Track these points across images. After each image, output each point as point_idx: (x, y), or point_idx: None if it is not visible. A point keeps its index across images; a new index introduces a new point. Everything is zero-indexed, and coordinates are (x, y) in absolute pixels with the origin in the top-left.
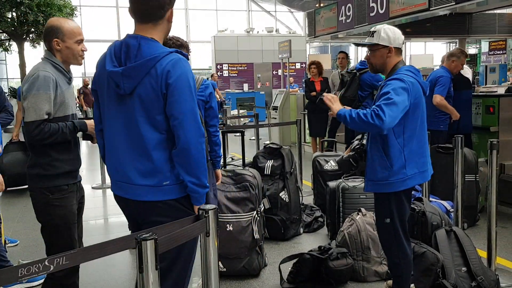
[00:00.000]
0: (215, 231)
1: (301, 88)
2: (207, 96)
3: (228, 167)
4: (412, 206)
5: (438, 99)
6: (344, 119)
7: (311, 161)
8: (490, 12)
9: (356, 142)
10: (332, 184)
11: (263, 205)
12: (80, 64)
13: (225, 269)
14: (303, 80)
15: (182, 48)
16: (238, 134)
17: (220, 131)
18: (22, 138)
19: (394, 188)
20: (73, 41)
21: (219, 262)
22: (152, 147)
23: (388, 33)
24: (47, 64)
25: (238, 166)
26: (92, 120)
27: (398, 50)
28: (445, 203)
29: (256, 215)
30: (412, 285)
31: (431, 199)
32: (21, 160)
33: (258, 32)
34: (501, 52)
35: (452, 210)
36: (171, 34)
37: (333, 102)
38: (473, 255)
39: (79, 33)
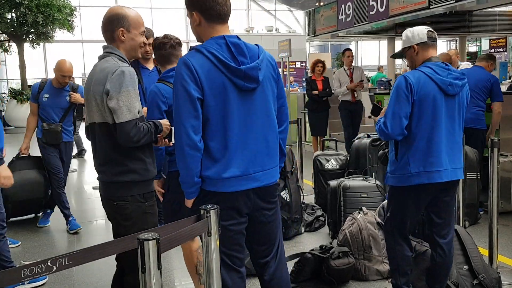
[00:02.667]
0: (217, 230)
1: (301, 87)
2: None
3: None
4: None
5: (500, 108)
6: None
7: (312, 160)
8: (490, 10)
9: None
10: (333, 183)
11: None
12: (140, 57)
13: None
14: (304, 79)
15: (180, 46)
16: None
17: None
18: (31, 152)
19: (398, 182)
20: (138, 32)
21: None
22: (277, 129)
23: (407, 33)
24: (115, 58)
25: None
26: (165, 120)
27: (425, 45)
28: None
29: None
30: None
31: None
32: (33, 181)
33: (258, 31)
34: (502, 50)
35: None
36: (162, 33)
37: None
38: (474, 253)
39: (143, 23)
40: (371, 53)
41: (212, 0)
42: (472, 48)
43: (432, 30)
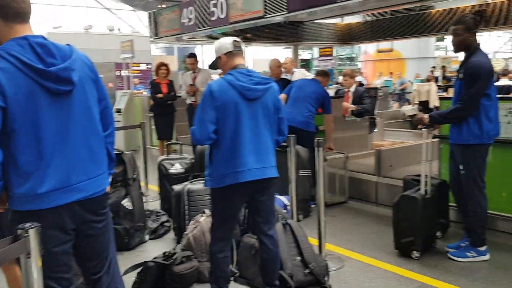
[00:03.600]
0: (38, 250)
1: (147, 90)
2: None
3: None
4: None
5: (331, 119)
6: None
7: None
8: (319, 21)
9: None
10: (177, 187)
11: None
12: None
13: None
14: (149, 82)
15: None
16: None
17: None
18: None
19: (214, 184)
20: None
21: None
22: (101, 134)
23: (215, 45)
24: None
25: None
26: None
27: (231, 54)
28: (283, 198)
29: None
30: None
31: None
32: None
33: (98, 30)
34: (329, 58)
35: (289, 204)
36: None
37: None
38: (305, 244)
39: None
40: None
41: None
42: (305, 55)
43: (237, 39)
